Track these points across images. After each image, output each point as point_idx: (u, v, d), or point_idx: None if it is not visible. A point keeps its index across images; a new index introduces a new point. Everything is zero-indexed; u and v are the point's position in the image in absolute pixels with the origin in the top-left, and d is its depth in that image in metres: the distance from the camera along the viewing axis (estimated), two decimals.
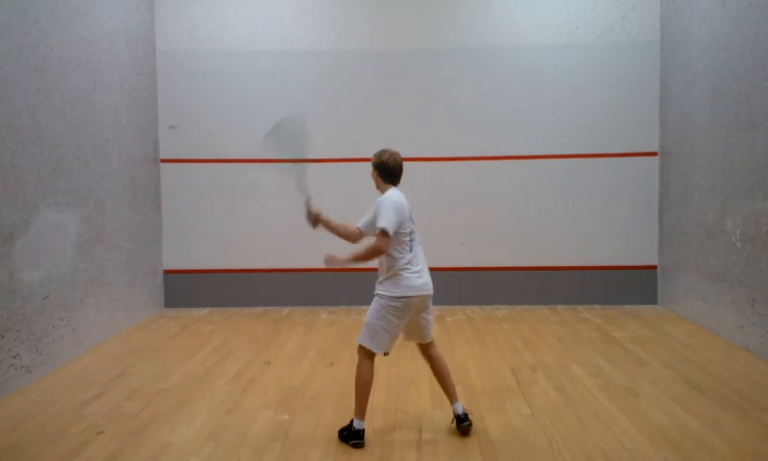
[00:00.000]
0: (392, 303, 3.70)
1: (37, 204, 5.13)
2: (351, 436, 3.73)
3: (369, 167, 3.92)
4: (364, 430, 3.75)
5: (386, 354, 3.82)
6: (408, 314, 3.74)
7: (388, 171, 3.83)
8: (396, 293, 3.69)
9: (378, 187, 3.90)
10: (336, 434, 3.86)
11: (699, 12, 6.54)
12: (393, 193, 3.78)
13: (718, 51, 6.14)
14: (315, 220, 3.94)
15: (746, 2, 5.65)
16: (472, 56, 7.67)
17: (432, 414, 4.20)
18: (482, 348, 5.87)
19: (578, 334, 6.31)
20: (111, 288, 6.38)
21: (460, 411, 3.86)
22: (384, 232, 3.65)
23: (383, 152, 3.87)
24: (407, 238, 3.73)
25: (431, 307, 3.89)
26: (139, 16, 7.20)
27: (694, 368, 5.11)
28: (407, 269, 3.71)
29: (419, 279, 3.73)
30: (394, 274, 3.72)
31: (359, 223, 3.95)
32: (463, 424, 3.84)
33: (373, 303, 3.78)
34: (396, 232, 3.68)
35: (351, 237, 3.98)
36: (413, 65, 7.70)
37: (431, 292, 3.81)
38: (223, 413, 4.28)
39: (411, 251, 3.74)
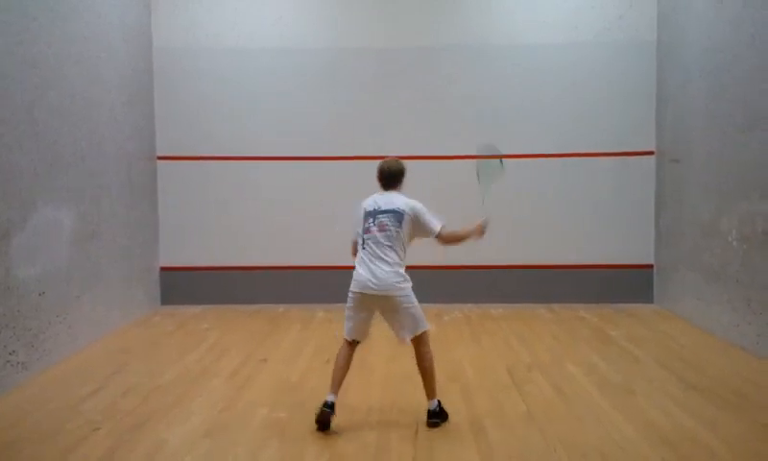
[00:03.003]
0: (348, 294, 4.01)
1: (34, 200, 5.11)
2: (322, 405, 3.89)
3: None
4: (329, 402, 3.89)
5: (353, 342, 4.02)
6: (360, 307, 3.97)
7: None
8: (351, 286, 4.00)
9: None
10: (332, 431, 3.86)
11: (695, 13, 6.56)
12: (370, 197, 4.12)
13: (715, 52, 6.15)
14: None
15: (742, 4, 5.66)
16: (472, 54, 7.67)
17: None
18: (478, 346, 5.88)
19: (574, 333, 6.33)
20: (107, 285, 6.37)
21: (429, 408, 4.02)
22: None
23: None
24: (360, 237, 4.01)
25: (401, 310, 3.92)
26: (137, 13, 7.18)
27: (690, 367, 5.13)
28: (357, 264, 3.99)
29: (360, 275, 3.93)
30: None
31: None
32: (429, 420, 4.00)
33: None
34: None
35: None
36: (412, 64, 7.69)
37: (375, 292, 3.88)
38: (219, 410, 4.28)
39: (363, 248, 3.98)
